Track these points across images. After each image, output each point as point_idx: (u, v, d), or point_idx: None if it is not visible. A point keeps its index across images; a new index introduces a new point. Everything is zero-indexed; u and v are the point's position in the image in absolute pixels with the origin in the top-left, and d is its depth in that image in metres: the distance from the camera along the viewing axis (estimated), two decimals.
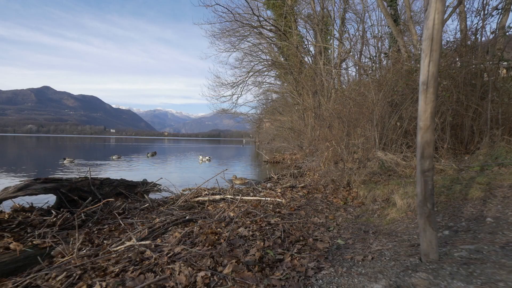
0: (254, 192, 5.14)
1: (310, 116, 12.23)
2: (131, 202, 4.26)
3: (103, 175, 9.34)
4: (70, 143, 42.97)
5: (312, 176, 7.93)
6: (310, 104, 12.23)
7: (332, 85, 12.73)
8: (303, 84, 14.10)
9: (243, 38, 18.26)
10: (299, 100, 14.86)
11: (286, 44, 16.87)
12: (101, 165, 12.78)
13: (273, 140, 26.60)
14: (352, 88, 10.40)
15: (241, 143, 76.16)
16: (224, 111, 18.63)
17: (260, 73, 20.33)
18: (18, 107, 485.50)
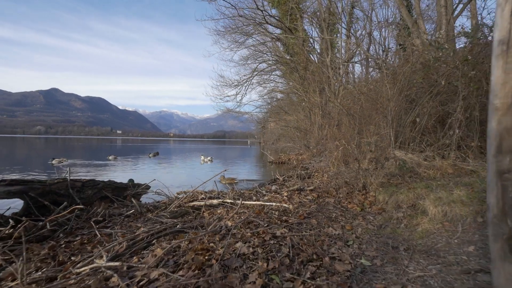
0: (257, 196, 4.58)
1: (317, 114, 11.63)
2: (117, 207, 3.75)
3: (94, 176, 8.88)
4: (77, 144, 43.05)
5: (321, 177, 7.34)
6: (317, 102, 11.63)
7: (340, 81, 12.11)
8: (310, 81, 13.51)
9: (247, 36, 17.81)
10: (305, 98, 14.26)
11: (292, 40, 16.33)
12: (94, 166, 12.34)
13: (278, 140, 26.02)
14: (363, 84, 9.77)
15: (246, 144, 75.77)
16: (228, 111, 18.14)
17: (264, 72, 19.81)
18: (27, 109, 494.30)
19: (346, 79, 13.95)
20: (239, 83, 19.15)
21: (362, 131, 7.90)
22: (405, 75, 6.36)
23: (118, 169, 10.99)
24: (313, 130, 12.06)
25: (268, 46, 18.98)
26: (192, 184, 5.36)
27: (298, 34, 16.41)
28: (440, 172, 4.57)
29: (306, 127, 14.42)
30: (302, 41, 17.16)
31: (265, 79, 20.20)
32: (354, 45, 10.74)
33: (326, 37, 11.66)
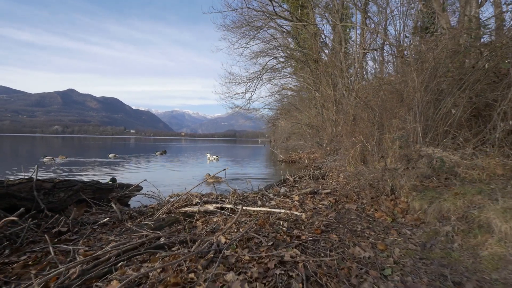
0: (263, 200, 3.88)
1: (331, 110, 10.80)
2: (94, 213, 3.14)
3: (85, 175, 8.39)
4: (92, 142, 43.75)
5: (336, 178, 6.57)
6: (331, 96, 10.80)
7: (355, 73, 11.23)
8: (322, 75, 12.67)
9: (256, 31, 17.14)
10: (318, 93, 13.43)
11: (303, 35, 15.56)
12: (91, 164, 11.94)
13: (288, 138, 25.22)
14: (383, 75, 8.91)
15: (256, 143, 75.34)
16: (237, 108, 17.52)
17: (274, 69, 19.07)
18: (46, 109, 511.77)
19: (360, 72, 13.03)
20: (248, 80, 18.51)
21: (383, 126, 7.08)
22: (436, 60, 5.51)
23: (115, 168, 10.52)
24: (326, 126, 11.25)
25: (278, 41, 18.25)
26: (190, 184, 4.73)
27: (310, 28, 15.63)
28: (486, 173, 3.74)
29: (318, 124, 13.60)
30: (314, 34, 16.35)
31: (275, 76, 19.47)
32: (372, 32, 9.82)
33: (339, 24, 10.78)
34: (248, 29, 16.95)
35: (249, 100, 18.37)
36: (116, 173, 8.99)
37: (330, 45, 16.26)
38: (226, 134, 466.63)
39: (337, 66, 12.23)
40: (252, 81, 18.49)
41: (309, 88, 16.38)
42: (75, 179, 3.48)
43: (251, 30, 17.11)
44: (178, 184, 6.84)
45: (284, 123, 34.29)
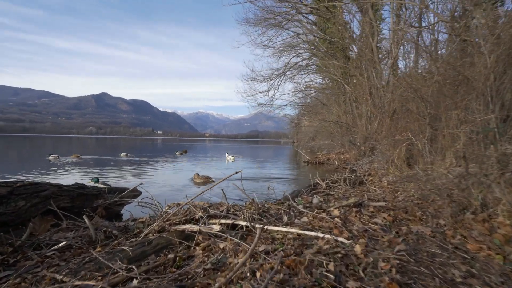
0: (290, 213, 2.88)
1: (365, 104, 9.49)
2: (64, 229, 2.33)
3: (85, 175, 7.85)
4: (122, 143, 45.41)
5: (377, 183, 5.39)
6: (366, 89, 9.48)
7: (392, 62, 9.82)
8: (354, 67, 11.35)
9: (278, 26, 16.19)
10: (348, 87, 12.10)
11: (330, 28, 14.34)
12: (99, 163, 11.64)
13: (313, 138, 23.86)
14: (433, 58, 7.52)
15: (279, 143, 74.34)
16: (260, 105, 16.61)
17: (297, 67, 17.97)
18: (81, 112, 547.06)
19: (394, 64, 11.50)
20: (270, 78, 17.61)
21: (436, 119, 5.77)
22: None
23: (121, 168, 10.00)
24: (360, 123, 9.94)
25: (301, 38, 17.16)
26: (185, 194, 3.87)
27: (338, 17, 14.38)
28: None
29: (348, 121, 12.25)
30: (343, 24, 15.04)
31: (298, 72, 18.35)
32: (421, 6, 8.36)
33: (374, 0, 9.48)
34: (270, 24, 16.06)
35: (272, 98, 17.50)
36: (121, 173, 8.44)
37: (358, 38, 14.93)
38: (249, 135, 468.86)
39: (370, 56, 10.88)
40: (274, 79, 17.58)
41: (337, 82, 15.05)
42: (48, 182, 2.72)
43: (273, 27, 16.20)
44: (183, 189, 6.02)
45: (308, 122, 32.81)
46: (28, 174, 7.98)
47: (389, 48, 11.85)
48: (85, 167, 10.18)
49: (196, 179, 7.14)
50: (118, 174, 8.41)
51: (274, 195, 4.43)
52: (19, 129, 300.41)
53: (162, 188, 6.03)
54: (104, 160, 13.00)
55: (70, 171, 8.94)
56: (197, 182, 7.03)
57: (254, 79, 17.87)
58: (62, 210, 2.66)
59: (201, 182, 7.03)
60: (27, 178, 7.30)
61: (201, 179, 7.10)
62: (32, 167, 9.79)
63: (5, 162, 11.90)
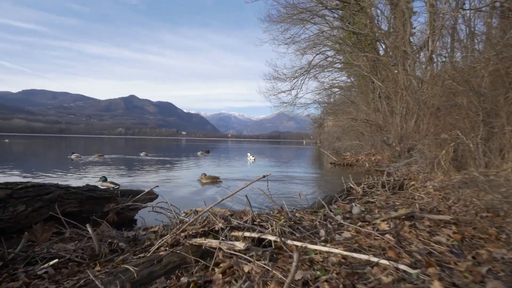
0: (328, 227, 2.39)
1: (401, 100, 8.66)
2: (66, 239, 2.03)
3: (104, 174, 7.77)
4: (149, 143, 47.10)
5: (422, 188, 4.70)
6: (401, 84, 8.64)
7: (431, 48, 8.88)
8: (386, 60, 10.49)
9: (302, 24, 15.65)
10: (379, 83, 11.23)
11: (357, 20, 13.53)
12: (120, 162, 11.73)
13: (338, 139, 22.83)
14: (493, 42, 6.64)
15: (301, 144, 73.31)
16: (284, 103, 16.14)
17: (320, 66, 17.26)
18: (112, 114, 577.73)
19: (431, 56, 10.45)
20: (293, 77, 17.08)
21: (494, 115, 4.97)
22: None
23: (139, 167, 9.94)
24: (393, 122, 9.10)
25: (324, 35, 16.45)
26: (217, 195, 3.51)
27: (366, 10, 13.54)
28: None
29: (378, 120, 11.37)
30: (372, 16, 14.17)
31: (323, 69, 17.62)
32: None
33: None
34: (293, 21, 15.57)
35: (295, 97, 16.98)
36: (137, 173, 8.34)
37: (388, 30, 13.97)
38: (271, 135, 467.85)
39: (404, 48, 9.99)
40: (298, 78, 17.05)
41: (366, 79, 14.15)
42: (56, 183, 2.45)
43: (296, 24, 15.69)
44: (201, 191, 5.68)
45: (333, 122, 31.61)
46: (46, 172, 8.14)
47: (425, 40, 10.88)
48: (103, 166, 10.33)
49: (203, 179, 6.88)
50: (134, 173, 8.36)
51: (301, 200, 3.94)
52: (57, 130, 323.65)
53: (179, 190, 5.76)
54: (124, 159, 13.26)
55: (86, 169, 9.06)
56: (204, 182, 6.78)
57: (277, 78, 17.40)
58: (69, 215, 2.38)
59: (208, 182, 6.78)
60: (43, 176, 7.43)
61: (208, 179, 6.85)
62: (52, 165, 10.10)
63: (30, 160, 12.46)
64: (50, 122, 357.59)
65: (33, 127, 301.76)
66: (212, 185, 6.56)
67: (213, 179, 6.84)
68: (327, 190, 5.89)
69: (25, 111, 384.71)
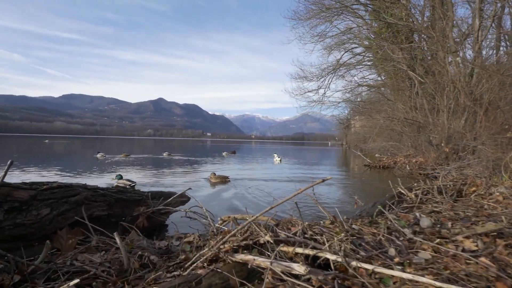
0: (397, 244, 1.93)
1: (448, 96, 7.78)
2: (91, 247, 1.78)
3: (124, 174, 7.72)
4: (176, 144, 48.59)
5: (486, 195, 4.01)
6: (448, 78, 7.76)
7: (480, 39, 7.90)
8: (431, 55, 9.57)
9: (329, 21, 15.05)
10: (419, 78, 10.29)
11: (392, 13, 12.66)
12: (143, 162, 11.83)
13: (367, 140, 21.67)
14: None
15: (326, 145, 71.63)
16: (311, 103, 15.62)
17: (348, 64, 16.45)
18: (141, 116, 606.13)
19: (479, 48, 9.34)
20: (321, 75, 16.47)
21: None
22: None
23: (162, 168, 9.90)
24: (439, 120, 8.21)
25: (353, 33, 15.67)
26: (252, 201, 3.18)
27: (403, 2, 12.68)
28: None
29: (418, 119, 10.40)
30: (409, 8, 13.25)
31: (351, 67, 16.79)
32: None
33: None
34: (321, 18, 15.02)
35: (323, 96, 16.39)
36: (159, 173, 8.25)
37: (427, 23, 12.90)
38: (294, 136, 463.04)
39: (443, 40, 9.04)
40: (325, 77, 16.45)
41: (401, 75, 13.16)
42: (84, 184, 2.24)
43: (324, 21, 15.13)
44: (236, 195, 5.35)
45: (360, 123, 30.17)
46: (69, 170, 8.38)
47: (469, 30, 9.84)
48: (125, 165, 10.53)
49: (212, 178, 6.80)
50: (156, 172, 8.32)
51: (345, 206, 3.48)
52: (92, 132, 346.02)
53: (205, 191, 5.51)
54: (148, 159, 13.52)
55: (108, 168, 9.26)
56: (213, 181, 6.69)
57: (304, 77, 16.89)
58: (96, 220, 2.15)
59: (217, 181, 6.70)
60: (65, 173, 7.59)
61: (217, 178, 6.78)
62: (78, 164, 10.47)
63: (60, 159, 13.06)
64: (87, 124, 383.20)
65: (72, 129, 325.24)
66: (222, 184, 6.53)
67: (222, 179, 6.82)
68: (371, 195, 5.33)
69: (65, 114, 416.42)
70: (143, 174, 7.93)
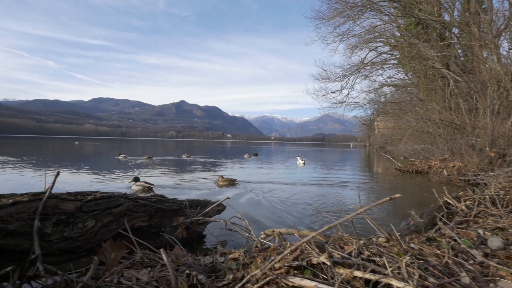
0: (465, 267, 1.69)
1: (497, 95, 7.16)
2: (136, 263, 1.71)
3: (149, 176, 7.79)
4: (197, 145, 49.55)
5: None
6: (492, 75, 7.14)
7: None
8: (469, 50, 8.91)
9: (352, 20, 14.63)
10: (455, 76, 9.61)
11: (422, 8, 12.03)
12: (163, 164, 11.97)
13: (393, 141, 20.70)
14: None
15: (347, 147, 69.84)
16: (334, 104, 15.21)
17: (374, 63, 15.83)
18: (164, 118, 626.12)
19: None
20: (345, 75, 16.03)
21: None
22: None
23: (182, 170, 9.94)
24: (482, 122, 7.57)
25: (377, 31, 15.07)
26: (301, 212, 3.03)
27: None
28: None
29: (454, 120, 9.70)
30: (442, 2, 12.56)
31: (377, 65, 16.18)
32: None
33: None
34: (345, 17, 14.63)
35: (346, 96, 15.96)
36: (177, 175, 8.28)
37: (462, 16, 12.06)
38: (314, 138, 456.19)
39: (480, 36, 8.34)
40: (349, 77, 16.02)
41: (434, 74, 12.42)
42: (124, 193, 2.20)
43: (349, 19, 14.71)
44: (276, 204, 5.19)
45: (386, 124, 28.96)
46: (91, 171, 8.65)
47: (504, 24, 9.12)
48: (146, 166, 10.75)
49: (220, 181, 6.81)
50: (175, 175, 8.37)
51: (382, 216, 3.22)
52: (119, 133, 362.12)
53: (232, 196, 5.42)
54: (168, 161, 13.77)
55: (128, 169, 9.49)
56: (221, 184, 6.69)
57: (326, 78, 16.51)
58: (137, 231, 2.10)
59: (225, 184, 6.69)
60: (86, 174, 7.82)
61: (225, 181, 6.78)
62: (100, 165, 10.84)
63: (85, 160, 13.62)
64: (113, 126, 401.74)
65: (100, 131, 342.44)
66: (231, 186, 6.52)
67: (230, 181, 6.82)
68: (411, 204, 4.97)
69: (94, 117, 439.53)
70: (163, 176, 8.05)
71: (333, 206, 4.66)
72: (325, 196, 5.58)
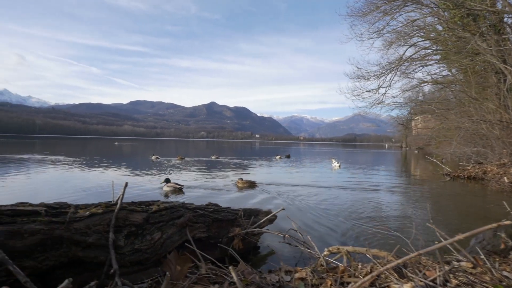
0: None
1: None
2: (203, 278, 1.69)
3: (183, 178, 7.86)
4: (226, 145, 50.64)
5: None
6: None
7: None
8: None
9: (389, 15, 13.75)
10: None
11: None
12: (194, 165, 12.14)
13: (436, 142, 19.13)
14: None
15: (381, 148, 66.49)
16: (371, 104, 14.47)
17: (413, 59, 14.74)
18: (195, 119, 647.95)
19: None
20: (382, 73, 15.16)
21: None
22: None
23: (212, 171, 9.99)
24: None
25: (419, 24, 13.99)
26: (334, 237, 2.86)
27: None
28: None
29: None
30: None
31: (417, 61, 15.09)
32: None
33: None
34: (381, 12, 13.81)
35: (383, 95, 15.08)
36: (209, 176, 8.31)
37: None
38: (345, 138, 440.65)
39: None
40: (385, 75, 15.13)
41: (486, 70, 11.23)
42: (183, 202, 2.22)
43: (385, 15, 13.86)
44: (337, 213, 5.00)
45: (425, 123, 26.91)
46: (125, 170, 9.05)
47: None
48: (177, 167, 11.01)
49: (239, 183, 6.70)
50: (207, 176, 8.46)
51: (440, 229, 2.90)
52: (154, 134, 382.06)
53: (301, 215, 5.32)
54: (199, 161, 14.10)
55: (161, 170, 9.77)
56: (241, 186, 6.59)
57: (361, 76, 15.77)
58: (197, 242, 2.10)
59: (245, 186, 6.59)
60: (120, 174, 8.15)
61: (245, 183, 6.67)
62: (134, 165, 11.34)
63: (123, 159, 14.39)
64: (149, 127, 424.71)
65: (137, 132, 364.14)
66: (250, 189, 6.42)
67: (250, 184, 6.72)
68: (472, 217, 4.49)
69: (132, 119, 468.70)
70: (193, 177, 8.25)
71: (391, 217, 4.33)
72: (380, 204, 5.24)
